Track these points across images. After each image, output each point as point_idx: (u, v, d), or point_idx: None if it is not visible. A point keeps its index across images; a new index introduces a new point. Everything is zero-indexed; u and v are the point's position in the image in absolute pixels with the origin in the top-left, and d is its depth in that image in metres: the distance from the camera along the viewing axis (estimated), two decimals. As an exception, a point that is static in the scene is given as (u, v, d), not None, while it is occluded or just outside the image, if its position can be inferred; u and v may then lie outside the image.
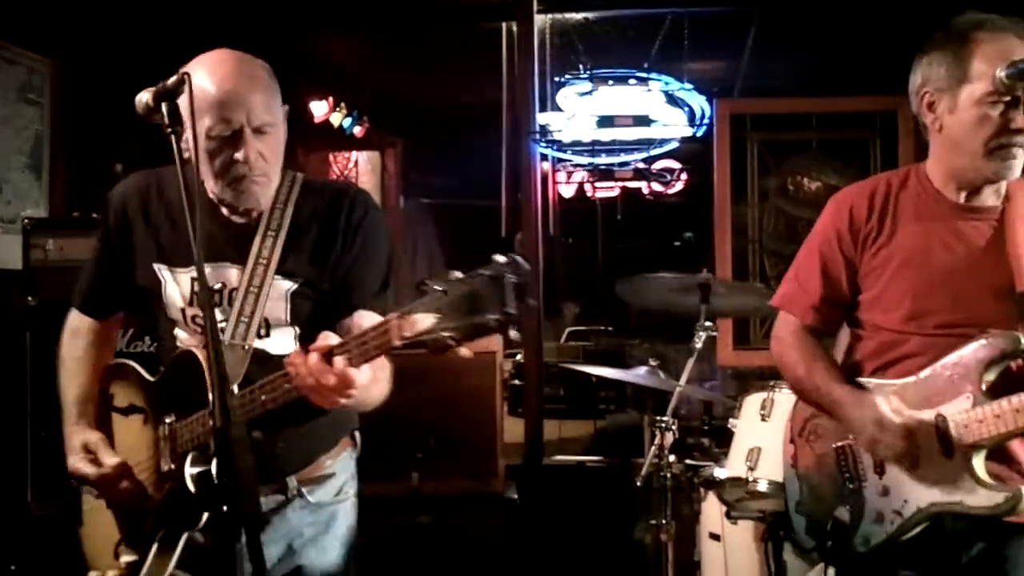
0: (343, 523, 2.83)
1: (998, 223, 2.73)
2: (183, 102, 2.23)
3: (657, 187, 8.06)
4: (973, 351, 2.62)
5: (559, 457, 6.54)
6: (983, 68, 2.61)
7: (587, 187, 8.00)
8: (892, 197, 2.84)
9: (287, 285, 2.65)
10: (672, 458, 4.54)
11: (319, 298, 2.67)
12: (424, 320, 1.99)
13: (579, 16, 6.74)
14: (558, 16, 6.65)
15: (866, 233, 2.84)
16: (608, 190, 8.17)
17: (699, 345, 4.82)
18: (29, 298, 4.84)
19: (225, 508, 1.95)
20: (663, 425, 4.53)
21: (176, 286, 2.70)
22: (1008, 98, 2.59)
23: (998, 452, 2.62)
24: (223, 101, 2.49)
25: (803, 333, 2.97)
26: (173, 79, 2.26)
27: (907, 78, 2.84)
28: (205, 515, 2.50)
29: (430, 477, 4.70)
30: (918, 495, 2.66)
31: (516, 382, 8.18)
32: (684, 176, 7.97)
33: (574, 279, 10.90)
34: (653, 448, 4.57)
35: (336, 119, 8.06)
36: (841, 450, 2.84)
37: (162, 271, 2.71)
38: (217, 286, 2.65)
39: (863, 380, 2.83)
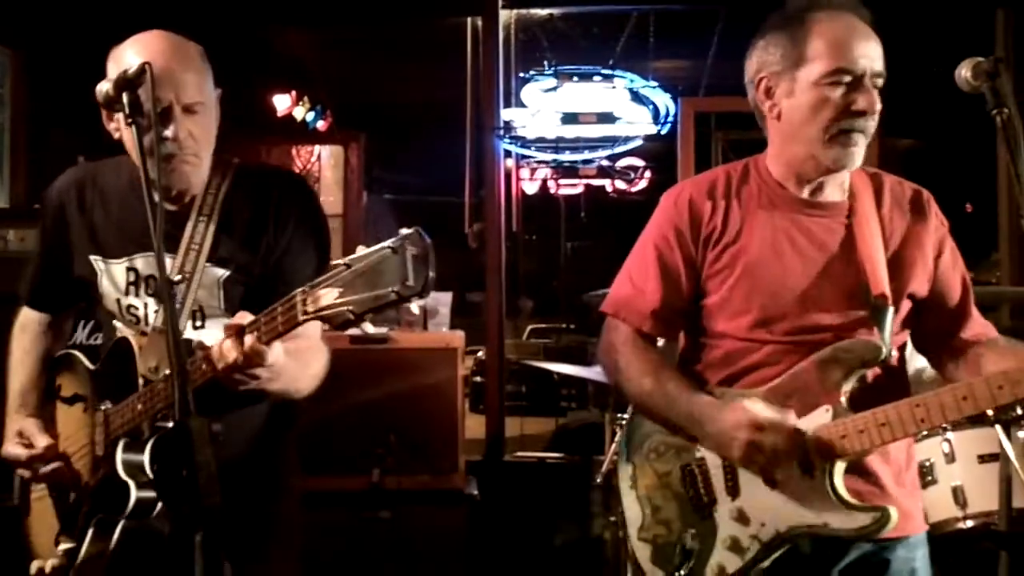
0: None
1: (847, 221, 2.52)
2: (144, 92, 2.22)
3: (621, 185, 8.06)
4: (829, 359, 2.42)
5: (520, 454, 6.56)
6: (821, 48, 2.42)
7: (551, 184, 7.98)
8: (733, 192, 2.60)
9: (219, 272, 2.63)
10: (633, 455, 4.55)
11: (252, 284, 2.64)
12: (327, 295, 2.00)
13: (544, 12, 6.76)
14: (523, 12, 6.66)
15: (708, 232, 2.58)
16: (572, 187, 8.15)
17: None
18: (-11, 288, 4.80)
19: (184, 501, 1.93)
20: (624, 422, 4.53)
21: (111, 277, 2.69)
22: (849, 79, 2.40)
23: (855, 466, 2.42)
24: (153, 78, 2.43)
25: (641, 342, 2.68)
26: (134, 68, 2.24)
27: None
28: (132, 500, 2.47)
29: (391, 473, 4.68)
30: (777, 517, 2.42)
31: (477, 379, 8.20)
32: (648, 174, 7.97)
33: (536, 275, 10.92)
34: (614, 445, 4.58)
35: (299, 113, 8.05)
36: (688, 469, 2.56)
37: (97, 263, 2.70)
38: (148, 275, 2.65)
39: (707, 390, 2.57)
